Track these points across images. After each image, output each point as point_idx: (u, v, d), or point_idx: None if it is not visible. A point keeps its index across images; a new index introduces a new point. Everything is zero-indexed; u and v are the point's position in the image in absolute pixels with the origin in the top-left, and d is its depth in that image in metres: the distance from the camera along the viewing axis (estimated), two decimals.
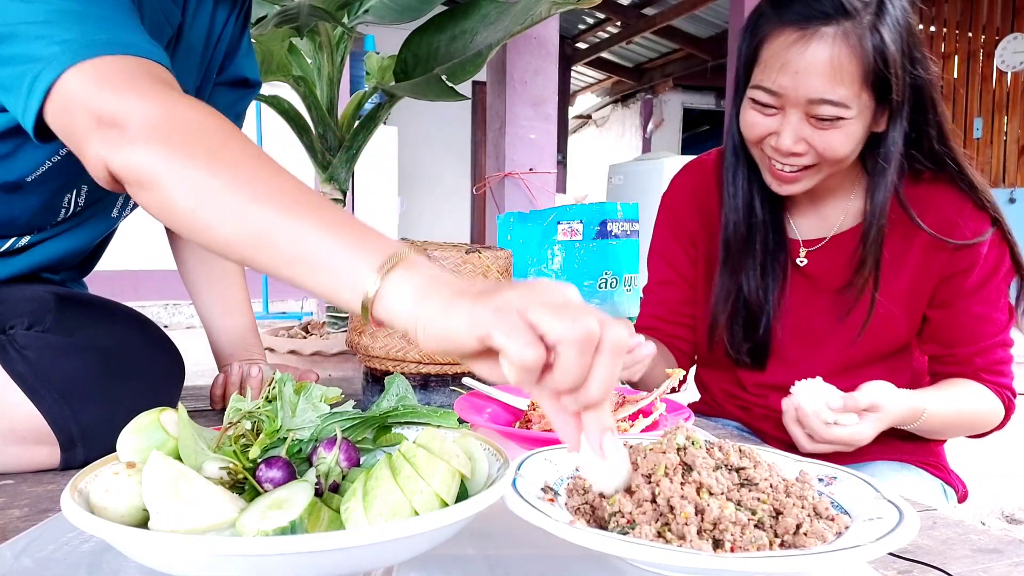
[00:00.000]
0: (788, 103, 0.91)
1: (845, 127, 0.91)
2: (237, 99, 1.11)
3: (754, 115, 0.96)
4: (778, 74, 0.90)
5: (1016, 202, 6.05)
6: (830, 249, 1.06)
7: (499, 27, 1.50)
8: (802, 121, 0.91)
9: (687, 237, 1.15)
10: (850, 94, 0.89)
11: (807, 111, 0.91)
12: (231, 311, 1.12)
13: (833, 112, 0.89)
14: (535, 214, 2.08)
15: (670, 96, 10.17)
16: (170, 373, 0.92)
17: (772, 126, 0.94)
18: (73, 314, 0.86)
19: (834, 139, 0.91)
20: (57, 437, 0.77)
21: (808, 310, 1.07)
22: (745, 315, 1.06)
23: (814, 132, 0.91)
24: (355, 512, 0.47)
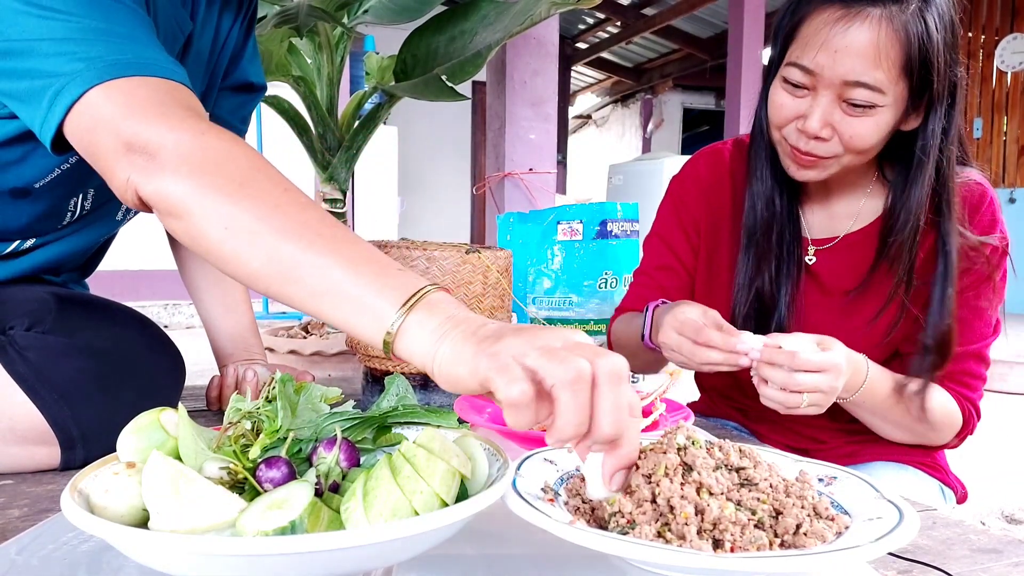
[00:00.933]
0: (821, 84, 0.88)
1: (876, 116, 0.89)
2: (242, 104, 1.11)
3: (783, 96, 0.93)
4: (817, 52, 0.87)
5: (1016, 202, 6.06)
6: (840, 250, 1.04)
7: (499, 27, 1.50)
8: (833, 104, 0.89)
9: (692, 224, 1.13)
10: (887, 80, 0.86)
11: (840, 94, 0.88)
12: (231, 311, 1.12)
13: (867, 97, 0.87)
14: (535, 214, 2.07)
15: (670, 96, 10.18)
16: (170, 373, 0.93)
17: (800, 108, 0.91)
18: (73, 315, 0.86)
19: (862, 128, 0.89)
20: (57, 437, 0.77)
21: (813, 310, 1.05)
22: (759, 311, 1.04)
23: (843, 118, 0.89)
24: (355, 512, 0.47)
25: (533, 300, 2.04)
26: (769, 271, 1.03)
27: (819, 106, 0.89)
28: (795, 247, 1.04)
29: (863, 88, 0.86)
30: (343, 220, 1.77)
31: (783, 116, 0.94)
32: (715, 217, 1.11)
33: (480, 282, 0.98)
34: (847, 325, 1.03)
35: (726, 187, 1.10)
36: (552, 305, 2.03)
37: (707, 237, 1.13)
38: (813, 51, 0.88)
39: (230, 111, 1.09)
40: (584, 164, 11.95)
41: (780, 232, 1.03)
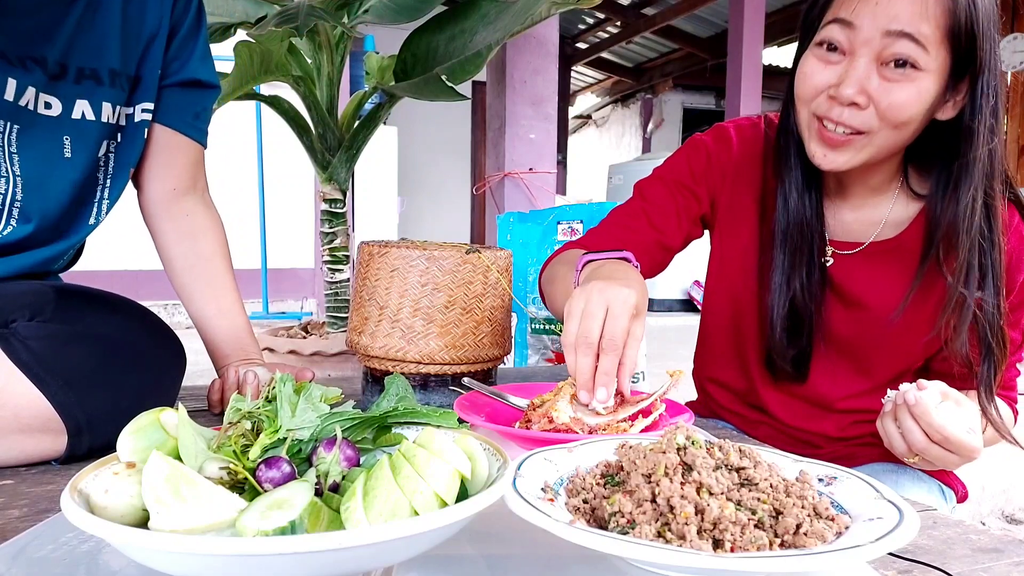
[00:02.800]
0: (859, 40, 0.82)
1: (917, 82, 0.82)
2: (194, 100, 1.12)
3: (814, 63, 0.87)
4: (858, 3, 0.82)
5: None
6: (863, 257, 0.99)
7: (499, 27, 1.50)
8: (871, 68, 0.83)
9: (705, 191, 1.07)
10: (932, 38, 0.80)
11: (880, 53, 0.82)
12: (224, 313, 1.12)
13: (910, 52, 0.80)
14: (535, 214, 2.07)
15: (670, 96, 10.18)
16: (172, 361, 0.93)
17: (832, 78, 0.85)
18: (73, 305, 0.86)
19: (902, 95, 0.82)
20: (65, 424, 0.78)
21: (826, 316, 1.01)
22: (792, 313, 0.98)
23: (881, 84, 0.83)
24: (355, 512, 0.47)
25: (533, 300, 2.04)
26: (802, 272, 0.98)
27: (856, 69, 0.83)
28: (820, 249, 0.99)
29: (906, 40, 0.80)
30: (343, 220, 1.77)
31: (813, 85, 0.87)
32: (739, 196, 1.05)
33: (480, 282, 0.98)
34: (859, 335, 1.01)
35: (757, 169, 1.04)
36: None
37: (724, 215, 1.07)
38: (853, 4, 0.82)
39: (179, 107, 1.10)
40: (584, 164, 11.95)
41: (810, 230, 0.98)
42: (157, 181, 1.12)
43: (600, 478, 0.59)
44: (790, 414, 1.08)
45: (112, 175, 1.06)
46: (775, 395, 1.08)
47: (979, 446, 0.78)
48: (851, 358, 1.03)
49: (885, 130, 0.86)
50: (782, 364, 1.02)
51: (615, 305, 0.75)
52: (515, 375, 1.49)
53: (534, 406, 0.84)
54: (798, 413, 1.08)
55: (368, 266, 1.00)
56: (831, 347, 1.03)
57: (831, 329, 1.02)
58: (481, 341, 0.99)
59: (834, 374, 1.04)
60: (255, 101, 1.74)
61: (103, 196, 1.05)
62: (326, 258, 1.78)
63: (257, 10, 1.66)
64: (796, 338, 1.00)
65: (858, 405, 1.03)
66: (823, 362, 1.04)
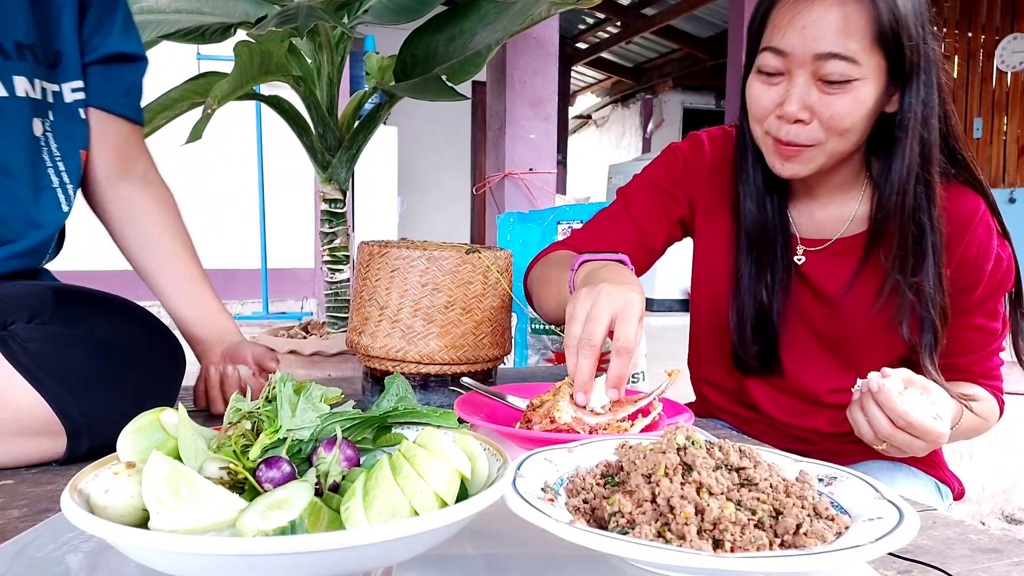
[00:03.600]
0: (794, 63, 0.87)
1: (854, 91, 0.87)
2: (120, 76, 1.08)
3: (759, 86, 0.92)
4: (786, 31, 0.87)
5: (1016, 202, 6.05)
6: (832, 253, 1.02)
7: (498, 27, 1.50)
8: (809, 84, 0.87)
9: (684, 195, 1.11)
10: (860, 50, 0.85)
11: (815, 71, 0.87)
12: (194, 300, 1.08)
13: (842, 69, 0.85)
14: (535, 214, 2.07)
15: (670, 96, 10.18)
16: (171, 362, 0.93)
17: (777, 96, 0.90)
18: (72, 306, 0.86)
19: (841, 106, 0.87)
20: (64, 425, 0.78)
21: (804, 312, 1.05)
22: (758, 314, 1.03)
23: (821, 98, 0.87)
24: (355, 512, 0.47)
25: None
26: (768, 274, 1.02)
27: (795, 87, 0.88)
28: (787, 248, 1.03)
29: (836, 59, 0.85)
30: (343, 220, 1.77)
31: (762, 106, 0.92)
32: (714, 201, 1.09)
33: (480, 282, 0.98)
34: (838, 330, 1.03)
35: (729, 175, 1.07)
36: None
37: (702, 219, 1.10)
38: (782, 31, 0.88)
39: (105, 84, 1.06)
40: (584, 164, 11.95)
41: (773, 233, 1.02)
42: (94, 165, 1.08)
43: (600, 478, 0.59)
44: (781, 410, 1.09)
45: (61, 157, 1.02)
46: (764, 392, 1.09)
47: (944, 431, 0.80)
48: (834, 352, 1.05)
49: (833, 139, 0.90)
50: (748, 359, 1.06)
51: (626, 309, 0.76)
52: (515, 375, 1.49)
53: (534, 406, 0.84)
54: (789, 409, 1.09)
55: (368, 266, 1.00)
56: (814, 342, 1.05)
57: (812, 325, 1.04)
58: (481, 341, 0.99)
59: (820, 369, 1.05)
60: (255, 101, 1.74)
61: (62, 181, 1.03)
62: (326, 258, 1.78)
63: (257, 10, 1.66)
64: (760, 335, 1.04)
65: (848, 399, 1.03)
66: (808, 357, 1.06)
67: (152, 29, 1.59)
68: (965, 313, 0.98)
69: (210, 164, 5.06)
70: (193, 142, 1.35)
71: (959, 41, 6.50)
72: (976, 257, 0.96)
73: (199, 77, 1.57)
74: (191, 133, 1.33)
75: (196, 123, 1.29)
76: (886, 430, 0.79)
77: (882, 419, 0.79)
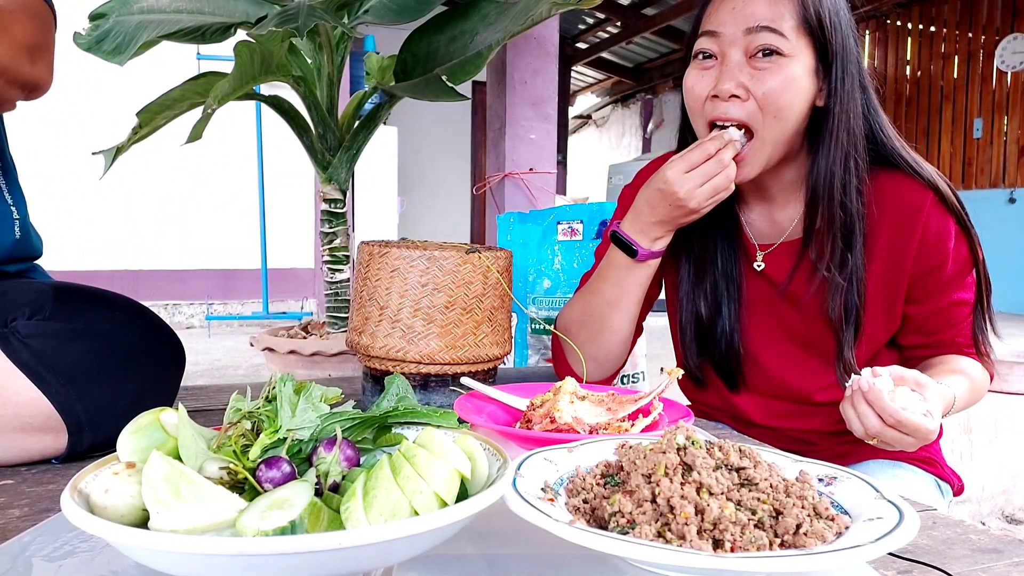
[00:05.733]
0: (727, 43, 0.93)
1: (785, 67, 0.91)
2: None
3: (694, 74, 0.97)
4: (719, 13, 0.94)
5: (1016, 202, 6.05)
6: (781, 254, 1.04)
7: (499, 27, 1.50)
8: (741, 61, 0.92)
9: None
10: (788, 28, 0.91)
11: (747, 47, 0.92)
12: None
13: (772, 40, 0.91)
14: (535, 214, 2.07)
15: (670, 96, 10.17)
16: (171, 360, 0.93)
17: (711, 80, 0.94)
18: (72, 303, 0.87)
19: (773, 81, 0.91)
20: (65, 421, 0.78)
21: (777, 316, 1.06)
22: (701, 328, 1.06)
23: (753, 74, 0.92)
24: (355, 512, 0.47)
25: (533, 300, 2.04)
26: (712, 278, 1.05)
27: (728, 65, 0.93)
28: (737, 252, 1.06)
29: (766, 31, 0.91)
30: (343, 220, 1.77)
31: (697, 94, 0.96)
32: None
33: (480, 282, 0.98)
34: (811, 328, 1.04)
35: None
36: (552, 305, 2.03)
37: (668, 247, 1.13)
38: (716, 14, 0.94)
39: None
40: (584, 164, 11.95)
41: (720, 238, 1.05)
42: None
43: (600, 478, 0.59)
44: (774, 417, 1.10)
45: None
46: (754, 405, 1.10)
47: (934, 428, 0.81)
48: (814, 351, 1.05)
49: (768, 120, 0.93)
50: (693, 371, 1.09)
51: None
52: (515, 375, 1.49)
53: (534, 406, 0.84)
54: (782, 414, 1.09)
55: (368, 266, 1.00)
56: (792, 344, 1.06)
57: (787, 327, 1.06)
58: (481, 341, 0.99)
59: (804, 369, 1.06)
60: (255, 101, 1.74)
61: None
62: (326, 258, 1.78)
63: (257, 10, 1.66)
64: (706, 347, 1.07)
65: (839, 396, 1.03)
66: (790, 360, 1.07)
67: (152, 29, 1.59)
68: (941, 291, 1.00)
69: (210, 164, 5.06)
70: (193, 142, 1.35)
71: (959, 41, 6.50)
72: (937, 235, 0.97)
73: (199, 77, 1.57)
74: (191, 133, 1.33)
75: (196, 123, 1.29)
76: (875, 427, 0.81)
77: (872, 417, 0.81)
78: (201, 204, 5.09)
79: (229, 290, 5.23)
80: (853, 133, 0.96)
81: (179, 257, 5.05)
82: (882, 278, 1.00)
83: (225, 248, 5.19)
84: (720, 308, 1.05)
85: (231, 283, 5.23)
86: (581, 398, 0.85)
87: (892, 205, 0.99)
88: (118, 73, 2.30)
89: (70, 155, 4.52)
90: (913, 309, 1.02)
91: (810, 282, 1.01)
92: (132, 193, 4.82)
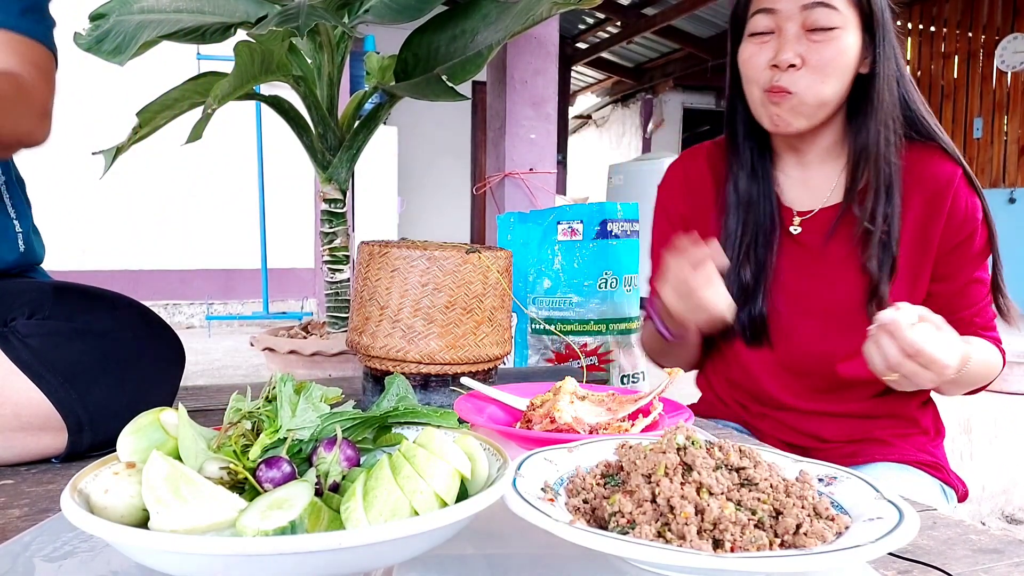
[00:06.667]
0: (784, 18, 0.99)
1: (838, 39, 0.98)
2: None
3: (751, 47, 1.03)
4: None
5: (1016, 202, 6.05)
6: (819, 221, 1.08)
7: (500, 27, 1.50)
8: (799, 35, 0.99)
9: (679, 219, 1.19)
10: (839, 2, 0.98)
11: (803, 22, 0.98)
12: None
13: (827, 17, 0.97)
14: (535, 214, 2.07)
15: (670, 96, 10.17)
16: (171, 359, 0.93)
17: (769, 53, 1.00)
18: (72, 302, 0.87)
19: (828, 51, 0.98)
20: (65, 421, 0.78)
21: (803, 280, 1.09)
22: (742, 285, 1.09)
23: (809, 46, 0.99)
24: (355, 512, 0.47)
25: (533, 300, 2.04)
26: (758, 238, 1.09)
27: (787, 38, 0.99)
28: (778, 216, 1.10)
29: (821, 7, 0.98)
30: (343, 220, 1.77)
31: (755, 64, 1.02)
32: (699, 208, 1.17)
33: (480, 282, 0.98)
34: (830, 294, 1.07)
35: (708, 181, 1.17)
36: (552, 305, 2.03)
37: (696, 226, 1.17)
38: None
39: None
40: (584, 164, 11.95)
41: (763, 202, 1.10)
42: None
43: (600, 478, 0.59)
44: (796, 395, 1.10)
45: None
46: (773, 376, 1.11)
47: (950, 363, 0.84)
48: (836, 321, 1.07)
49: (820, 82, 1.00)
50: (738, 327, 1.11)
51: None
52: (515, 375, 1.49)
53: (534, 406, 0.84)
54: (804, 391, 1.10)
55: (368, 266, 1.00)
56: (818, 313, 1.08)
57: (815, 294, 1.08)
58: (481, 341, 0.99)
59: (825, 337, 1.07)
60: (255, 101, 1.74)
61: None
62: (326, 258, 1.78)
63: (257, 10, 1.65)
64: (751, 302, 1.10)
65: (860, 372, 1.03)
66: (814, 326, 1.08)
67: (152, 29, 1.59)
68: (965, 266, 1.04)
69: (210, 164, 5.06)
70: (193, 142, 1.35)
71: (959, 41, 6.50)
72: (965, 210, 1.02)
73: (199, 77, 1.57)
74: (191, 133, 1.32)
75: (196, 123, 1.29)
76: (895, 357, 0.83)
77: (892, 347, 0.83)
78: (201, 204, 5.09)
79: (229, 290, 5.23)
80: (893, 95, 1.03)
81: (179, 257, 5.04)
82: (910, 248, 1.04)
83: (225, 248, 5.19)
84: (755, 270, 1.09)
85: (231, 283, 5.23)
86: (581, 398, 0.85)
87: (923, 178, 1.03)
88: (118, 73, 2.30)
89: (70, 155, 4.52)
90: (937, 287, 1.05)
91: (846, 245, 1.05)
92: (132, 193, 4.82)
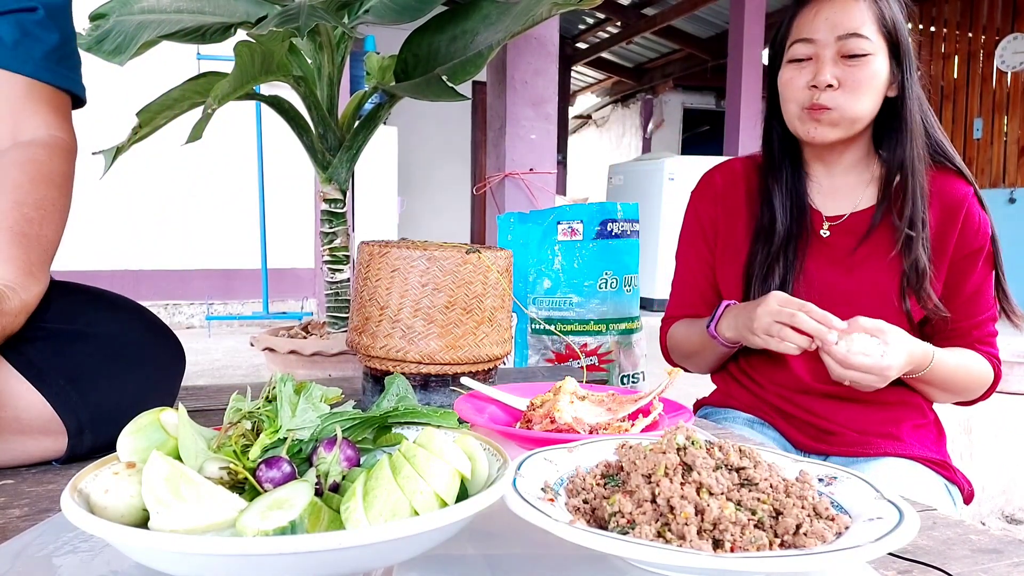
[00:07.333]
0: (821, 47, 1.10)
1: (870, 64, 1.09)
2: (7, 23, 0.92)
3: (792, 72, 1.13)
4: (813, 23, 1.10)
5: (1016, 202, 6.05)
6: (849, 225, 1.16)
7: (500, 27, 1.50)
8: (835, 60, 1.09)
9: (710, 224, 1.27)
10: (872, 32, 1.09)
11: (839, 50, 1.09)
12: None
13: (860, 45, 1.08)
14: (535, 214, 2.07)
15: (670, 96, 10.17)
16: (172, 360, 0.93)
17: (808, 76, 1.11)
18: (73, 304, 0.86)
19: (862, 74, 1.08)
20: (65, 424, 0.77)
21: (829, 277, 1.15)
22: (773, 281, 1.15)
23: (844, 70, 1.09)
24: (355, 512, 0.47)
25: (533, 300, 2.04)
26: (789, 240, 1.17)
27: (825, 63, 1.10)
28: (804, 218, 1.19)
29: (855, 38, 1.08)
30: (343, 220, 1.77)
31: (796, 86, 1.13)
32: (731, 214, 1.25)
33: (480, 282, 0.98)
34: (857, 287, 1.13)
35: (740, 190, 1.25)
36: (552, 305, 2.03)
37: (724, 230, 1.26)
38: (810, 24, 1.11)
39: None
40: (584, 164, 11.95)
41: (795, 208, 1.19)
42: None
43: (600, 478, 0.59)
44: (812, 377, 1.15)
45: None
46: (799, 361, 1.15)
47: (890, 364, 0.97)
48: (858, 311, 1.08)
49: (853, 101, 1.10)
50: None
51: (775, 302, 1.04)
52: (515, 375, 1.49)
53: (534, 406, 0.84)
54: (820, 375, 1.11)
55: (368, 266, 1.00)
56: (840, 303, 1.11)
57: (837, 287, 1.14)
58: (481, 341, 0.99)
59: None
60: (255, 101, 1.74)
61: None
62: (326, 258, 1.78)
63: (257, 10, 1.65)
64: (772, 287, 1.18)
65: None
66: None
67: (152, 29, 1.59)
68: (972, 277, 1.11)
69: (210, 164, 5.06)
70: (193, 142, 1.35)
71: (959, 41, 6.50)
72: (979, 222, 1.11)
73: (199, 77, 1.57)
74: (191, 133, 1.32)
75: (196, 123, 1.29)
76: (836, 369, 0.98)
77: (830, 361, 0.99)
78: (201, 204, 5.08)
79: (229, 290, 5.23)
80: (921, 120, 1.14)
81: (179, 257, 5.04)
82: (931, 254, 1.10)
83: (225, 248, 5.19)
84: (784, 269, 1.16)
85: (231, 283, 5.23)
86: (581, 398, 0.85)
87: (941, 193, 1.12)
88: (118, 73, 2.30)
89: None
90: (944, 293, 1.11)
91: (872, 247, 1.13)
92: (132, 193, 4.82)
